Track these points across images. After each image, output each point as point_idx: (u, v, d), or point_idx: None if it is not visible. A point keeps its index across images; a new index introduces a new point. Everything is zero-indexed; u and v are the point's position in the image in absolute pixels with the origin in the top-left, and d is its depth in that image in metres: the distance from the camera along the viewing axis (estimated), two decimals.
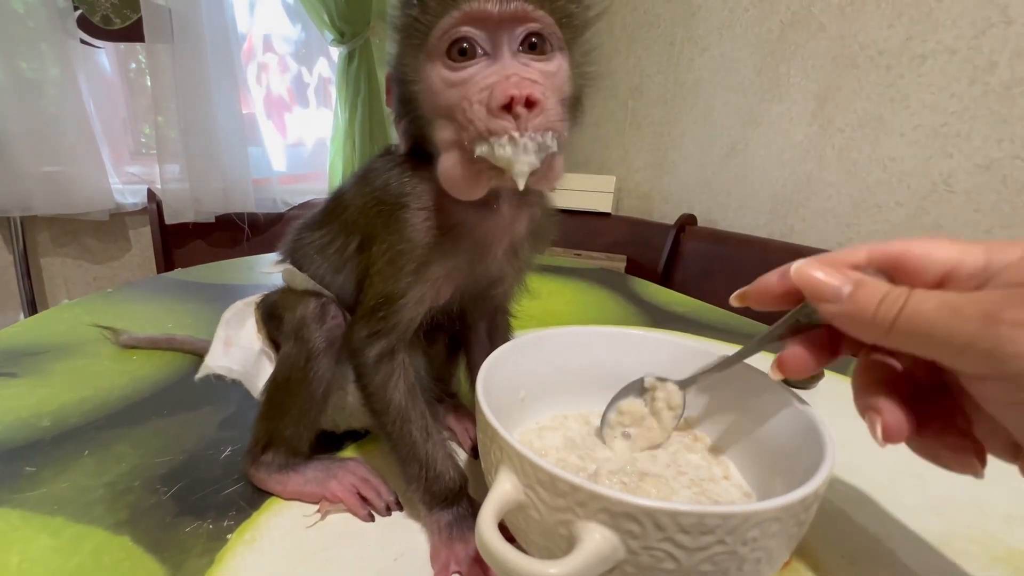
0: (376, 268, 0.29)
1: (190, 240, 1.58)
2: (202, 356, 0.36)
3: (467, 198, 0.26)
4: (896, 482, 0.35)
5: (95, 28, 1.44)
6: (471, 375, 0.40)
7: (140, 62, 1.59)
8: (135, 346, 0.53)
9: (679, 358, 0.33)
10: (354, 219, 0.31)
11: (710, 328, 0.68)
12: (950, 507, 0.22)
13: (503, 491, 0.22)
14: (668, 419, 0.31)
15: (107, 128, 1.54)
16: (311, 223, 0.36)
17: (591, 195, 1.57)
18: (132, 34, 1.45)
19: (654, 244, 1.39)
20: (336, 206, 0.34)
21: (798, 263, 0.23)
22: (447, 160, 0.26)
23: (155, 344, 0.53)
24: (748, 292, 0.26)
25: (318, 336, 0.32)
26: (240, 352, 0.36)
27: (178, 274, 0.85)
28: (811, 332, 0.24)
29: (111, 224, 1.58)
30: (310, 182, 1.87)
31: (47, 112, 1.37)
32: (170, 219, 1.52)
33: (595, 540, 0.19)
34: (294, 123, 1.88)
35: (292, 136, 1.89)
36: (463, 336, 0.40)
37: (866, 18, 1.04)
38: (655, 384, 0.31)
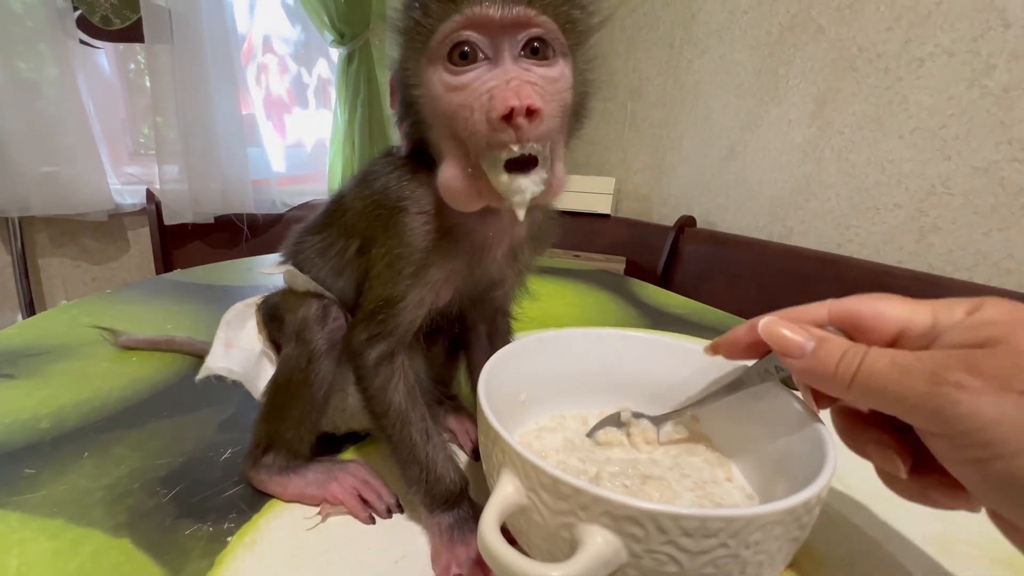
0: (375, 271, 0.29)
1: (189, 241, 1.58)
2: (201, 357, 0.36)
3: (465, 210, 0.27)
4: None
5: (94, 28, 1.44)
6: (471, 377, 0.40)
7: (139, 62, 1.59)
8: (134, 347, 0.53)
9: (679, 361, 0.33)
10: (354, 222, 0.31)
11: (709, 330, 0.68)
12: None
13: (505, 494, 0.22)
14: (645, 451, 0.31)
15: (106, 128, 1.53)
16: (312, 226, 0.36)
17: (590, 196, 1.57)
18: (131, 35, 1.45)
19: (653, 246, 1.39)
20: (336, 209, 0.34)
21: (765, 319, 0.24)
22: (447, 171, 0.26)
23: (154, 345, 0.53)
24: (719, 343, 0.27)
25: (320, 338, 0.32)
26: (241, 353, 0.36)
27: (177, 275, 0.85)
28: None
29: (110, 225, 1.58)
30: (309, 183, 1.86)
31: (46, 112, 1.37)
32: (169, 220, 1.52)
33: (597, 543, 0.19)
34: (293, 124, 1.88)
35: (291, 137, 1.89)
36: (463, 338, 0.40)
37: (865, 21, 1.04)
38: (630, 420, 0.32)
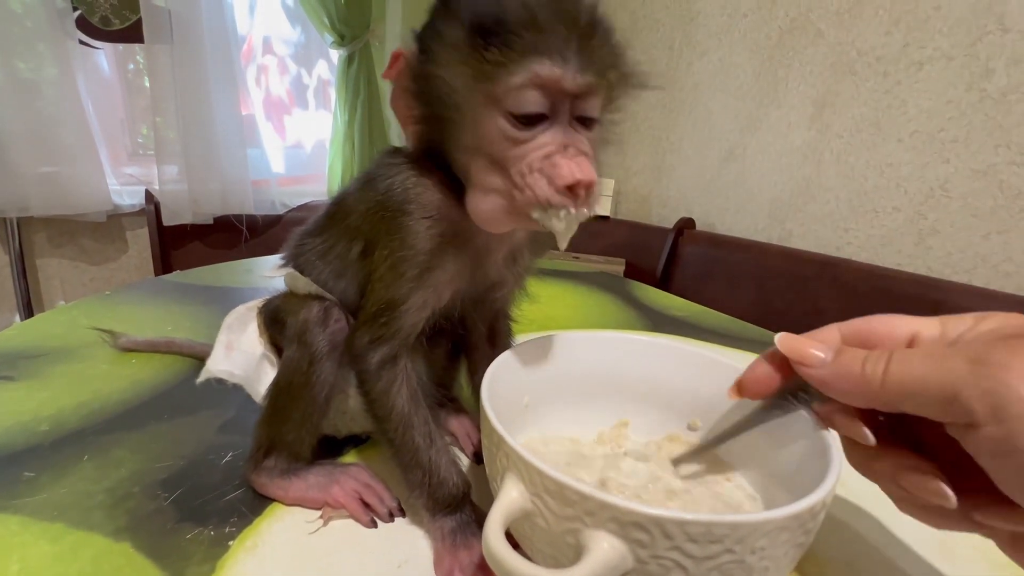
0: (378, 274, 0.29)
1: (188, 242, 1.58)
2: (201, 360, 0.36)
3: (494, 232, 0.28)
4: None
5: (94, 29, 1.44)
6: (472, 379, 0.40)
7: (138, 63, 1.59)
8: (134, 349, 0.53)
9: (681, 364, 0.33)
10: (357, 224, 0.31)
11: (709, 332, 0.68)
12: None
13: (510, 499, 0.21)
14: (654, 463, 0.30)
15: (105, 129, 1.53)
16: (312, 229, 0.36)
17: None
18: (131, 35, 1.45)
19: (653, 247, 1.39)
20: (338, 211, 0.34)
21: (780, 335, 0.24)
22: (487, 203, 0.26)
23: (154, 347, 0.53)
24: (743, 385, 0.26)
25: (321, 340, 0.32)
26: (242, 356, 0.36)
27: (177, 276, 0.84)
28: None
29: (108, 225, 1.57)
30: (309, 184, 1.86)
31: (44, 112, 1.37)
32: (168, 220, 1.51)
33: (603, 549, 0.19)
34: (293, 125, 1.88)
35: (291, 138, 1.89)
36: (464, 340, 0.40)
37: (864, 24, 1.04)
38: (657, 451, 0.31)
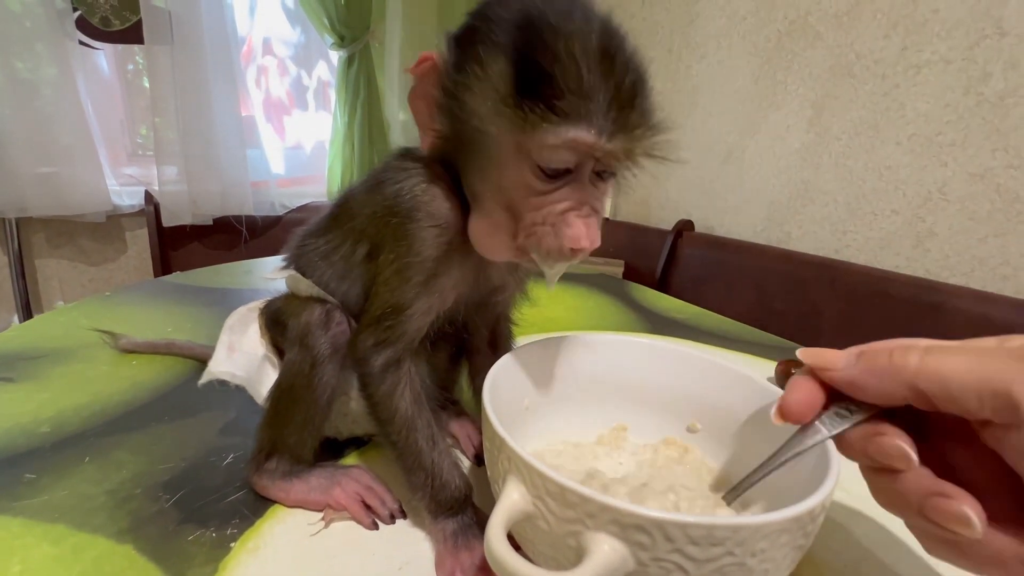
0: (383, 277, 0.29)
1: (187, 243, 1.58)
2: (202, 361, 0.36)
3: (491, 259, 0.28)
4: None
5: (94, 29, 1.44)
6: (473, 382, 0.40)
7: (138, 63, 1.59)
8: (134, 351, 0.53)
9: (681, 366, 0.33)
10: (363, 227, 0.31)
11: (707, 334, 0.69)
12: None
13: (511, 501, 0.22)
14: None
15: (104, 129, 1.53)
16: (315, 229, 0.36)
17: None
18: (131, 36, 1.45)
19: (651, 249, 1.39)
20: (343, 212, 0.34)
21: (801, 349, 0.24)
22: (491, 235, 0.27)
23: (154, 349, 0.53)
24: (786, 413, 0.24)
25: (323, 342, 0.32)
26: (244, 358, 0.36)
27: (177, 277, 0.84)
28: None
29: (107, 226, 1.57)
30: (309, 185, 1.86)
31: (44, 112, 1.37)
32: (167, 221, 1.51)
33: (604, 551, 0.19)
34: (293, 126, 1.88)
35: (291, 139, 1.89)
36: (466, 344, 0.40)
37: (862, 28, 1.05)
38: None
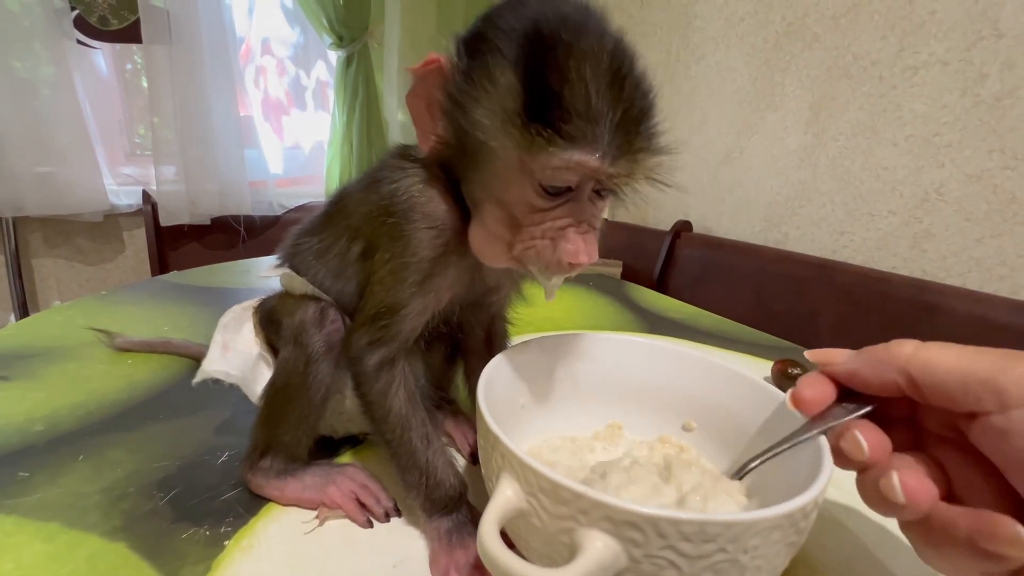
0: (378, 276, 0.29)
1: (185, 242, 1.58)
2: (198, 360, 0.36)
3: (490, 265, 0.29)
4: None
5: (92, 29, 1.44)
6: (469, 382, 0.40)
7: (136, 63, 1.59)
8: (130, 349, 0.53)
9: (678, 366, 0.33)
10: (358, 225, 0.31)
11: (705, 334, 0.69)
12: None
13: (505, 498, 0.22)
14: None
15: (102, 129, 1.53)
16: (309, 228, 0.36)
17: None
18: (129, 35, 1.45)
19: (650, 250, 1.39)
20: (338, 210, 0.34)
21: (808, 351, 0.26)
22: (490, 244, 0.27)
23: (150, 348, 0.53)
24: (802, 403, 0.25)
25: (317, 340, 0.32)
26: (238, 356, 0.36)
27: (173, 277, 0.84)
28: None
29: (105, 225, 1.57)
30: (307, 185, 1.86)
31: (41, 112, 1.37)
32: (165, 221, 1.51)
33: (597, 548, 0.19)
34: (291, 126, 1.88)
35: (289, 139, 1.89)
36: (461, 344, 0.40)
37: (860, 29, 1.05)
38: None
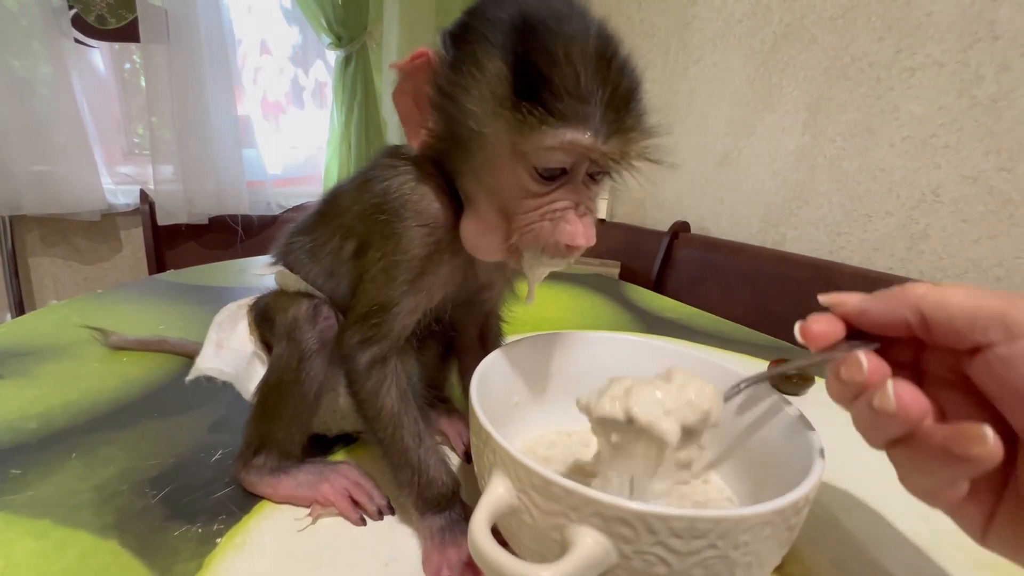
0: (370, 275, 0.29)
1: (182, 242, 1.57)
2: (193, 359, 0.36)
3: (481, 259, 0.29)
4: (884, 488, 0.35)
5: (90, 28, 1.43)
6: (463, 380, 0.40)
7: (135, 62, 1.59)
8: (125, 348, 0.53)
9: (673, 363, 0.33)
10: (351, 223, 0.31)
11: (702, 334, 0.69)
12: (937, 513, 0.22)
13: (496, 495, 0.22)
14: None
15: (100, 128, 1.52)
16: (303, 227, 0.36)
17: None
18: (127, 34, 1.45)
19: (647, 251, 1.39)
20: (331, 209, 0.34)
21: (821, 295, 0.25)
22: (483, 236, 0.27)
23: (145, 346, 0.53)
24: (804, 328, 0.24)
25: (311, 337, 0.32)
26: (232, 354, 0.36)
27: (170, 276, 0.84)
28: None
29: (102, 224, 1.57)
30: (305, 185, 1.86)
31: (39, 111, 1.36)
32: (162, 220, 1.51)
33: (587, 544, 0.19)
34: (290, 126, 1.88)
35: (288, 139, 1.88)
36: (455, 342, 0.40)
37: (857, 31, 1.05)
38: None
